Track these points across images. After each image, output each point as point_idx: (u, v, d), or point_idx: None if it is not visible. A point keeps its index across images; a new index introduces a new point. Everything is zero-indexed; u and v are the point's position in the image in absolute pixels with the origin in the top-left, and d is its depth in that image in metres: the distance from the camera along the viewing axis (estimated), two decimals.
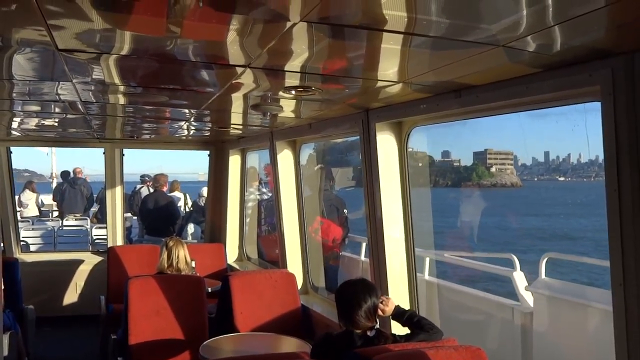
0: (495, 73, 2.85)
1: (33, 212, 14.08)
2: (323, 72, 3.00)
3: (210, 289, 5.78)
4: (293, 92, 3.44)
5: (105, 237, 8.45)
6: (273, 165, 6.14)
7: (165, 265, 5.30)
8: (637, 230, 2.26)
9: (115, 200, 7.99)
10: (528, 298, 5.56)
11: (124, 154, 8.10)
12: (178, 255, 5.33)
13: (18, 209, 10.00)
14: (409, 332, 3.30)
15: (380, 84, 3.23)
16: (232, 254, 8.05)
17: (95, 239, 11.64)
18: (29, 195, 14.17)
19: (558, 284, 5.66)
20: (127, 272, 6.55)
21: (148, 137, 7.54)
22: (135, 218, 11.58)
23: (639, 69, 2.22)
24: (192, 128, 6.32)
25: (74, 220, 12.80)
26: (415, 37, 2.23)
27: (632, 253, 2.28)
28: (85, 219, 12.89)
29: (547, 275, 5.78)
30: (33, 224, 12.85)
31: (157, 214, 9.15)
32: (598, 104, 2.41)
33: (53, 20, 2.10)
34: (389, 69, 2.90)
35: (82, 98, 3.97)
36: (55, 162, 21.40)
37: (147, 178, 12.35)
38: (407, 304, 4.18)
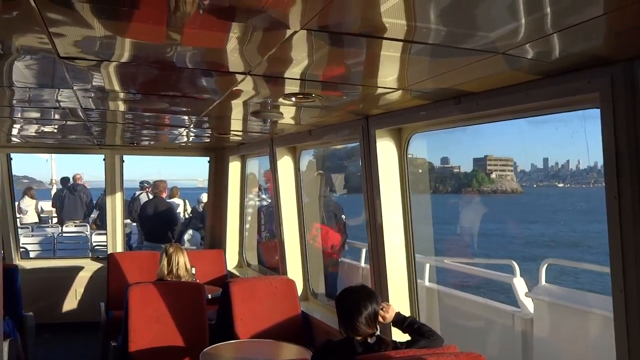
0: (495, 80, 2.86)
1: (32, 218, 14.08)
2: (323, 79, 3.01)
3: (210, 296, 5.78)
4: (293, 99, 3.45)
5: (105, 243, 8.45)
6: (273, 172, 6.15)
7: (165, 272, 5.29)
8: (637, 237, 2.27)
9: (116, 207, 8.00)
10: (528, 304, 5.55)
11: (124, 160, 8.12)
12: (178, 262, 5.32)
13: (17, 216, 9.99)
14: (410, 338, 3.29)
15: (380, 91, 3.24)
16: (232, 261, 8.05)
17: (95, 246, 11.62)
18: (28, 202, 14.17)
19: (558, 290, 5.66)
20: (127, 278, 6.55)
21: (148, 143, 7.55)
22: (135, 224, 11.57)
23: (638, 76, 2.23)
24: (192, 134, 6.33)
25: (74, 227, 12.79)
26: (415, 44, 2.24)
27: (632, 259, 2.29)
28: (85, 226, 12.88)
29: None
30: (33, 231, 12.84)
31: (156, 221, 9.15)
32: (597, 111, 2.42)
33: (55, 28, 2.11)
34: (389, 76, 2.91)
35: (82, 105, 3.98)
36: (55, 168, 21.44)
37: (146, 184, 12.34)
38: (407, 311, 4.18)
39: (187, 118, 4.93)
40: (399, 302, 4.14)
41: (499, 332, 5.71)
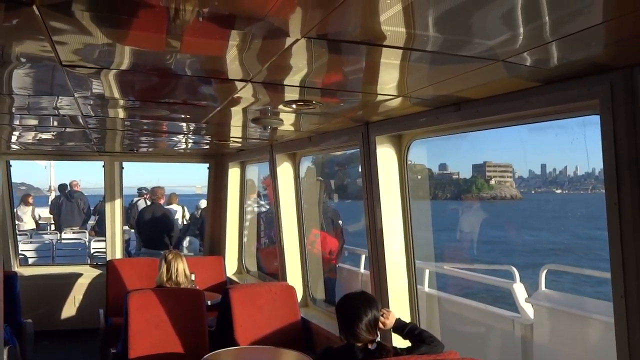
0: (495, 87, 2.87)
1: (30, 225, 14.04)
2: (323, 86, 3.02)
3: (210, 302, 5.76)
4: (293, 106, 3.45)
5: (104, 250, 8.43)
6: (273, 178, 6.15)
7: (165, 279, 5.28)
8: (637, 243, 2.27)
9: (115, 214, 7.99)
10: (528, 310, 5.55)
11: (123, 167, 8.11)
12: (177, 269, 5.32)
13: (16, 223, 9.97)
14: (410, 345, 3.29)
15: (380, 98, 3.25)
16: (231, 267, 8.03)
17: (94, 252, 11.60)
18: (25, 209, 14.14)
19: (558, 296, 5.66)
20: (126, 285, 6.53)
21: (147, 150, 7.55)
22: (133, 231, 11.55)
23: (638, 83, 2.24)
24: (191, 141, 6.33)
25: (72, 234, 12.76)
26: (415, 52, 2.25)
27: (633, 265, 2.29)
28: (84, 232, 12.85)
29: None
30: (31, 237, 12.81)
31: (154, 227, 9.12)
32: (597, 117, 2.42)
33: (58, 36, 2.11)
34: (389, 83, 2.92)
35: (83, 112, 3.99)
36: (54, 175, 21.42)
37: (144, 191, 12.32)
38: (407, 317, 4.17)
39: (186, 125, 4.93)
40: (399, 308, 4.14)
41: (499, 337, 5.70)
